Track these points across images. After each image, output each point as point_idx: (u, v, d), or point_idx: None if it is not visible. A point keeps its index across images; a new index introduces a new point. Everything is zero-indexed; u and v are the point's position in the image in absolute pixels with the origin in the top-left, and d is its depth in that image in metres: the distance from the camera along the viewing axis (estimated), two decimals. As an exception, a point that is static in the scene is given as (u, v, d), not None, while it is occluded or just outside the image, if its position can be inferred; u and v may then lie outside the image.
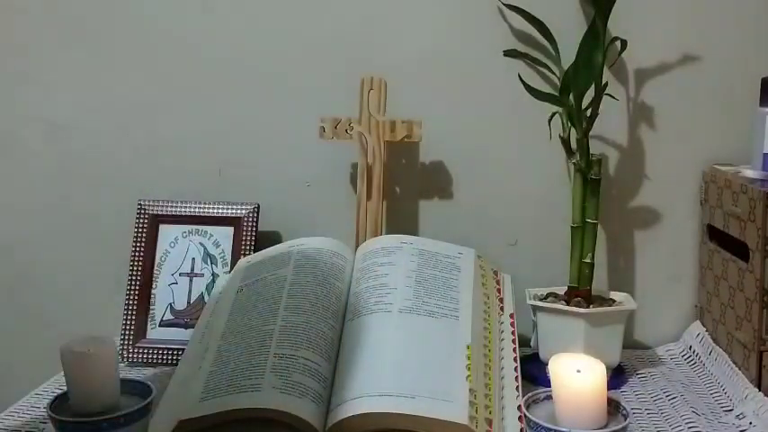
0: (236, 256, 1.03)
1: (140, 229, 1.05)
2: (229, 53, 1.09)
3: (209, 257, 1.05)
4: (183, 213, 1.06)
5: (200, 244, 1.06)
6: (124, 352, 1.02)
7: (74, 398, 0.76)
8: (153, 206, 1.06)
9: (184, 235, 1.06)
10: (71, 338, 0.78)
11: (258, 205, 1.05)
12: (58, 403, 0.76)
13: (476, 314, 0.83)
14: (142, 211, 1.06)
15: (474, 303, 0.84)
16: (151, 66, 1.09)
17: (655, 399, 0.92)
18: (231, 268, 1.03)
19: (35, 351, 1.11)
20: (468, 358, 0.76)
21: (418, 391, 0.71)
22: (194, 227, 1.06)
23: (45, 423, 0.84)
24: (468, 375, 0.74)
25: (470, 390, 0.73)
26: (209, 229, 1.06)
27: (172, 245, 1.06)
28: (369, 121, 1.01)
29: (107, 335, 0.82)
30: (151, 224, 1.05)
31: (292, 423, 0.71)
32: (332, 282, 0.87)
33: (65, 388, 0.77)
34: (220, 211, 1.06)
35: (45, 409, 0.76)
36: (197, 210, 1.06)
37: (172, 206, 1.06)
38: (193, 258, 1.05)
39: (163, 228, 1.06)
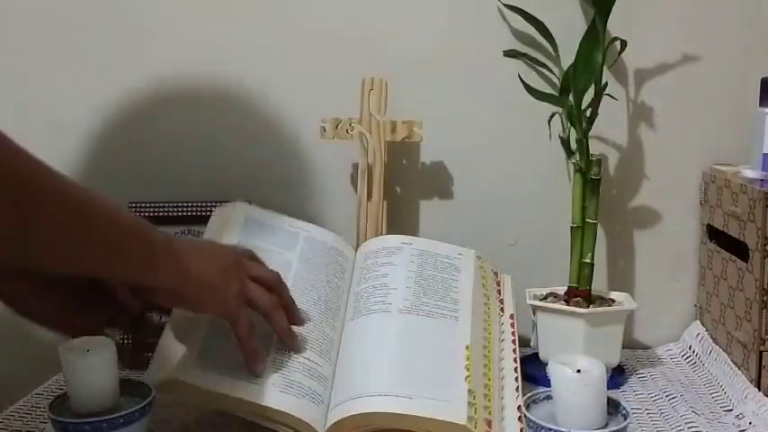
0: (235, 256, 1.03)
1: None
2: (230, 53, 1.09)
3: (208, 257, 1.05)
4: (182, 214, 1.06)
5: (199, 244, 1.05)
6: (123, 355, 1.01)
7: (73, 398, 0.76)
8: (151, 206, 1.06)
9: (183, 235, 1.05)
10: (71, 339, 0.78)
11: (258, 205, 1.05)
12: (58, 403, 0.76)
13: (475, 315, 0.83)
14: (140, 212, 1.06)
15: (474, 304, 0.84)
16: (151, 65, 1.09)
17: (654, 399, 0.92)
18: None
19: (35, 351, 1.11)
20: (467, 359, 0.76)
21: (417, 392, 0.71)
22: (193, 227, 1.06)
23: (45, 423, 0.84)
24: (467, 376, 0.75)
25: (469, 390, 0.73)
26: (209, 229, 1.06)
27: (171, 245, 1.05)
28: (369, 121, 1.01)
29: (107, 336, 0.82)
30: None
31: (290, 424, 0.71)
32: (334, 281, 0.87)
33: (65, 388, 0.77)
34: (220, 211, 1.06)
35: (45, 410, 0.76)
36: (196, 210, 1.06)
37: (170, 206, 1.06)
38: (192, 259, 1.05)
39: (161, 228, 1.05)
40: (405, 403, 0.70)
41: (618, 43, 0.98)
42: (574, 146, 0.96)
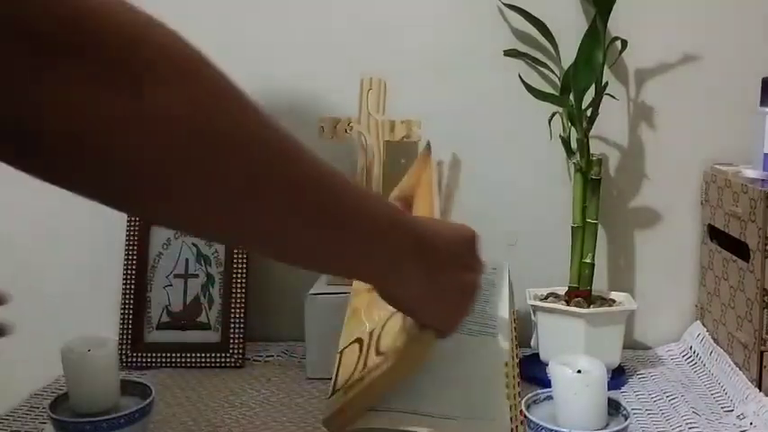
0: (229, 255, 1.03)
1: (132, 232, 1.05)
2: (229, 53, 1.08)
3: (202, 258, 1.05)
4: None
5: (193, 244, 1.05)
6: (122, 356, 1.01)
7: (74, 398, 0.76)
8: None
9: (176, 236, 1.05)
10: (71, 339, 0.78)
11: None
12: (58, 403, 0.76)
13: (509, 329, 0.83)
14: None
15: (509, 319, 0.84)
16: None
17: (655, 399, 0.92)
18: (225, 268, 1.03)
19: (35, 351, 1.10)
20: (507, 375, 0.76)
21: (460, 413, 0.71)
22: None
23: (44, 423, 0.84)
24: (508, 393, 0.74)
25: (510, 406, 0.73)
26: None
27: (164, 246, 1.05)
28: (368, 120, 1.01)
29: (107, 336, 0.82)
30: (142, 226, 1.05)
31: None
32: None
33: (65, 388, 0.77)
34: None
35: (45, 410, 0.76)
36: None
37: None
38: (187, 259, 1.05)
39: (154, 229, 1.05)
40: (449, 425, 0.70)
41: (618, 43, 0.98)
42: (574, 146, 0.96)
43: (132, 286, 1.03)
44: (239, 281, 1.03)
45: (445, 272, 0.60)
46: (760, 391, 0.87)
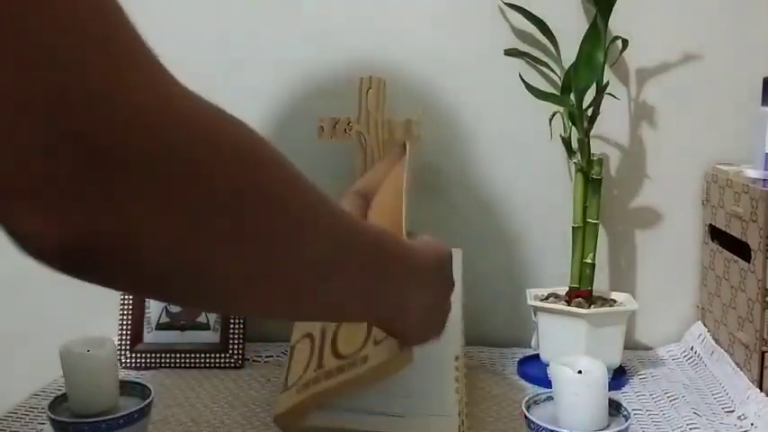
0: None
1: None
2: (228, 53, 1.08)
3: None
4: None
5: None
6: (121, 356, 1.01)
7: (73, 399, 0.76)
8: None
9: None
10: (71, 339, 0.77)
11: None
12: (57, 404, 0.76)
13: (458, 324, 0.82)
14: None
15: (458, 315, 0.83)
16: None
17: (656, 399, 0.92)
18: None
19: (34, 351, 1.10)
20: (457, 369, 0.76)
21: (409, 410, 0.71)
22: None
23: (44, 424, 0.84)
24: (458, 387, 0.74)
25: (459, 401, 0.73)
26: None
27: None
28: (368, 120, 1.01)
29: (106, 336, 0.81)
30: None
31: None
32: None
33: (64, 389, 0.77)
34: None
35: (44, 410, 0.75)
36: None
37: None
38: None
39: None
40: (397, 423, 0.70)
41: (619, 42, 0.98)
42: (575, 145, 0.96)
43: (131, 286, 1.03)
44: (239, 281, 1.03)
45: (429, 293, 0.60)
46: (761, 391, 0.87)
